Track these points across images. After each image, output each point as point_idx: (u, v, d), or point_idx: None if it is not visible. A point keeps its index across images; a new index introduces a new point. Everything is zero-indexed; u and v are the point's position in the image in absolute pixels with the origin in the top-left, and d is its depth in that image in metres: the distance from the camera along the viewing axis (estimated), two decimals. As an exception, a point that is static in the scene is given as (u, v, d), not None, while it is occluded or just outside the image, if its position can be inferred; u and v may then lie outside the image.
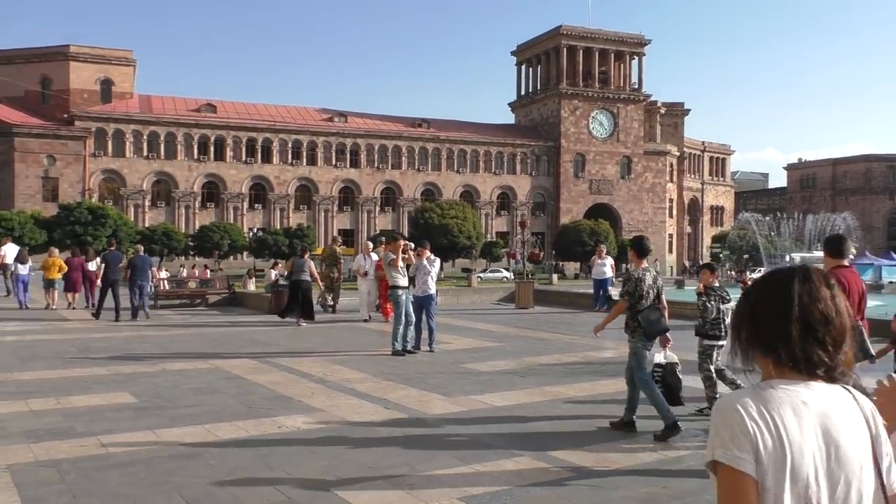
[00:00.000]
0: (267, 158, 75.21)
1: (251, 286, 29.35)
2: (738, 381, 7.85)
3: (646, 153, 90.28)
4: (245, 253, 67.30)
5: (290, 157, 75.85)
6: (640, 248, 7.68)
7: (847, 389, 1.71)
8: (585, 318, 18.58)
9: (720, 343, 8.13)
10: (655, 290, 7.47)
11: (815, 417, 1.61)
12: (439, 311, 14.83)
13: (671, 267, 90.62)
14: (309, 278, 17.60)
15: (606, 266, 20.95)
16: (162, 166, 71.44)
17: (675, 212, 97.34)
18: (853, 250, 7.29)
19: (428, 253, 13.13)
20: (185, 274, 25.56)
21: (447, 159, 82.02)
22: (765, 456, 1.56)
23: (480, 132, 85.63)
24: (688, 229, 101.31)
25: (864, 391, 1.79)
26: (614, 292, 20.47)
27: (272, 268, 24.22)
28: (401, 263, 12.84)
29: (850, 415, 1.65)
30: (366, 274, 17.58)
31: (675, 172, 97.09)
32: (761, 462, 1.56)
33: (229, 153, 73.69)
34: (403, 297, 12.58)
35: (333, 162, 77.49)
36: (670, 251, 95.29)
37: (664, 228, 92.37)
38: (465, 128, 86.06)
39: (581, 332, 15.19)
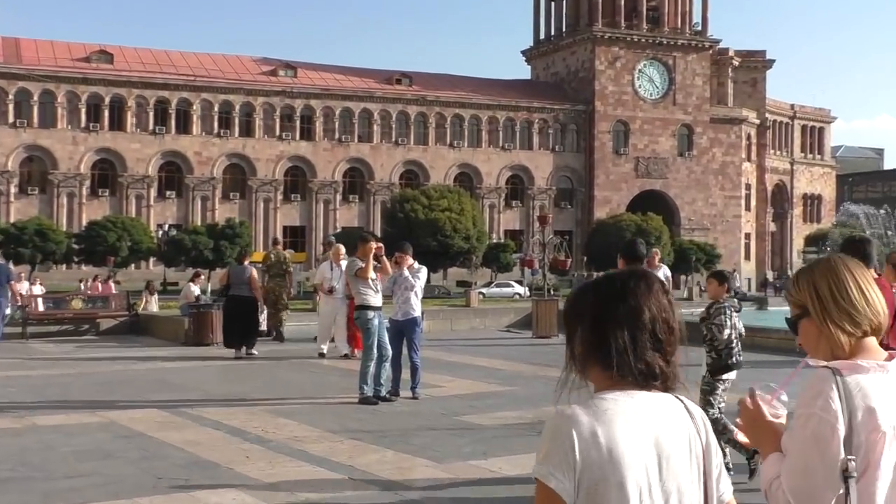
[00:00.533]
0: (184, 128, 75.11)
1: (153, 306, 29.17)
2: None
3: (713, 121, 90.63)
4: (152, 260, 67.11)
5: (215, 125, 75.77)
6: (628, 252, 8.11)
7: (679, 399, 2.27)
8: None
9: (731, 377, 8.86)
10: None
11: (647, 429, 2.10)
12: (427, 340, 14.77)
13: (748, 280, 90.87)
14: (250, 294, 17.58)
15: (660, 277, 20.98)
16: (35, 138, 71.20)
17: (753, 202, 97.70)
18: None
19: (410, 260, 13.09)
20: (82, 288, 25.50)
21: (436, 129, 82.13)
22: (591, 474, 2.04)
23: (483, 91, 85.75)
24: (772, 227, 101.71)
25: None
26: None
27: (192, 281, 24.13)
28: (372, 275, 12.77)
29: (683, 425, 2.20)
30: (332, 290, 17.16)
31: (753, 147, 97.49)
32: (588, 481, 2.02)
33: (131, 120, 73.53)
34: (376, 322, 12.53)
35: (277, 132, 77.47)
36: (747, 258, 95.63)
37: (738, 226, 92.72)
38: (461, 85, 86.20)
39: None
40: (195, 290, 23.44)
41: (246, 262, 18.65)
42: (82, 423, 10.74)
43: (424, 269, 13.70)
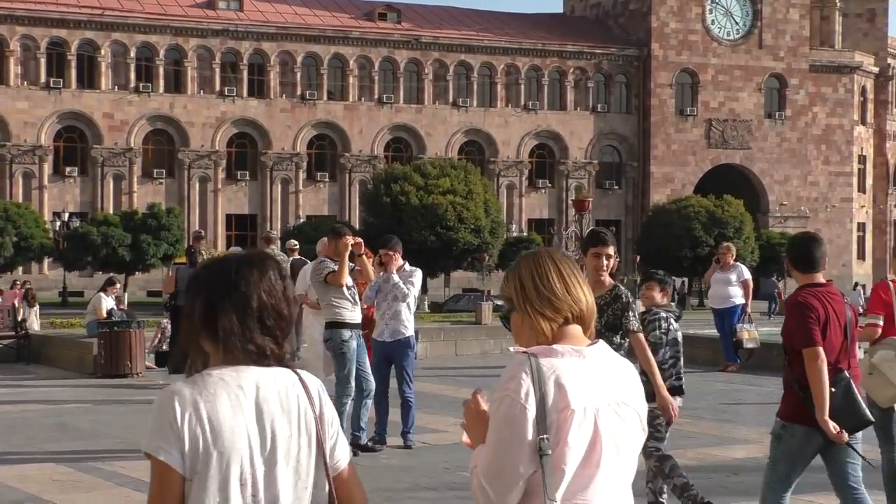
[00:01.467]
0: (89, 81, 75.15)
1: (34, 323, 29.06)
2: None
3: (814, 69, 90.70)
4: (48, 261, 67.22)
5: (132, 75, 75.82)
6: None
7: (296, 372, 3.12)
8: (701, 381, 18.66)
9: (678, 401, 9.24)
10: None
11: (252, 401, 2.92)
12: (423, 369, 14.85)
13: (863, 286, 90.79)
14: None
15: (734, 282, 21.04)
16: None
17: (869, 181, 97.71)
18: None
19: (400, 261, 13.09)
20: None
21: (434, 81, 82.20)
22: (194, 445, 2.84)
23: (498, 30, 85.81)
24: (894, 212, 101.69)
25: None
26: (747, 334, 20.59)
27: (103, 290, 24.25)
28: (347, 281, 12.70)
29: (294, 396, 3.04)
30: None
31: (870, 105, 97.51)
32: (191, 451, 2.83)
33: (16, 69, 73.62)
34: (353, 345, 12.53)
35: (217, 87, 77.48)
36: (860, 256, 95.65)
37: (849, 213, 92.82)
38: (468, 21, 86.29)
39: (694, 410, 15.28)
40: (107, 302, 23.45)
41: (199, 257, 18.78)
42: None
43: (419, 273, 13.67)
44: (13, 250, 62.02)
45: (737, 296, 20.93)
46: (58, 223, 67.45)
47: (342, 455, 3.44)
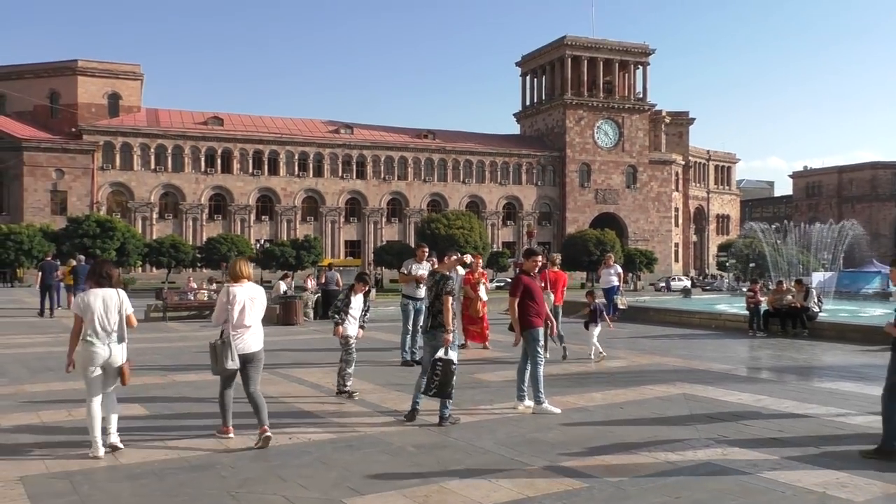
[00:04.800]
0: (274, 170, 75.51)
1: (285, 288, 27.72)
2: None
3: (651, 162, 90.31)
4: (252, 265, 67.45)
5: (296, 168, 76.14)
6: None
7: (117, 291, 6.67)
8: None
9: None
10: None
11: (101, 295, 6.58)
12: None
13: (677, 276, 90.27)
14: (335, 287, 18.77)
15: (612, 274, 20.89)
16: (169, 179, 71.77)
17: (680, 221, 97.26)
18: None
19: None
20: (193, 286, 25.48)
21: (453, 170, 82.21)
22: (83, 309, 6.47)
23: (486, 143, 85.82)
24: (694, 238, 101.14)
25: None
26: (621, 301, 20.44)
27: (281, 280, 24.20)
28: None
29: (116, 294, 6.64)
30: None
31: (680, 181, 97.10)
32: (82, 311, 6.49)
33: (236, 165, 74.01)
34: (410, 307, 12.36)
35: (340, 173, 77.74)
36: (676, 261, 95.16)
37: (670, 238, 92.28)
38: (470, 138, 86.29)
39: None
40: (283, 286, 23.47)
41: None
42: (205, 380, 10.72)
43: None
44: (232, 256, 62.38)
45: (614, 281, 20.80)
46: (257, 246, 67.79)
47: (129, 307, 6.70)
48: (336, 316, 9.24)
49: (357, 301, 9.23)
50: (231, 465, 6.23)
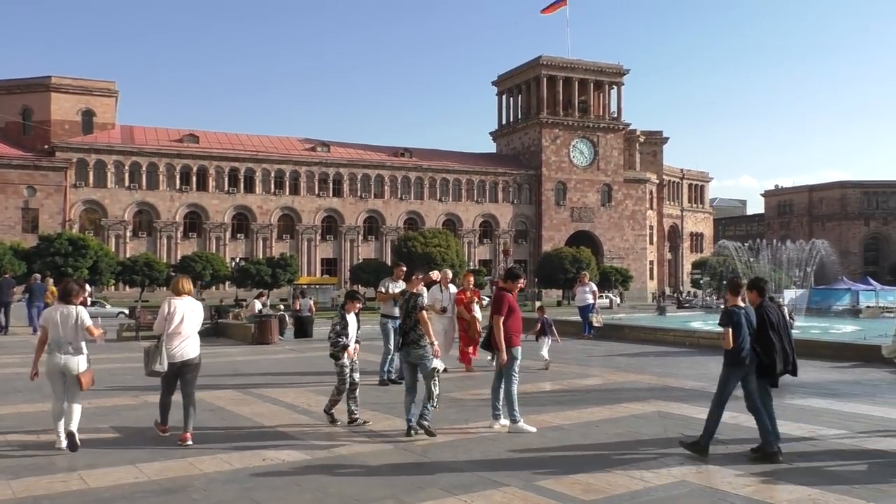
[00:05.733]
0: (250, 188, 75.10)
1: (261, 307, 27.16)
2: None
3: (626, 181, 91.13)
4: (227, 283, 66.87)
5: (272, 186, 75.80)
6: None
7: (76, 307, 7.52)
8: (569, 345, 18.57)
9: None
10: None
11: (58, 311, 7.42)
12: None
13: (652, 293, 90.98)
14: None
15: (587, 292, 20.97)
16: (144, 196, 71.12)
17: (655, 238, 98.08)
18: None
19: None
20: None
21: (430, 188, 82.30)
22: (48, 321, 7.46)
23: (462, 161, 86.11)
24: (668, 256, 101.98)
25: None
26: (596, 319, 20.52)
27: (257, 298, 24.02)
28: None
29: (74, 310, 7.44)
30: (444, 310, 13.55)
31: (654, 200, 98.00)
32: (46, 322, 7.49)
33: (212, 183, 73.52)
34: (390, 326, 12.36)
35: (316, 191, 77.51)
36: (651, 278, 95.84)
37: (645, 255, 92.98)
38: (447, 157, 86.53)
39: (565, 360, 15.18)
40: (258, 305, 23.29)
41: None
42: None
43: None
44: (210, 277, 61.80)
45: (589, 299, 20.89)
46: (232, 264, 67.16)
47: (87, 321, 7.38)
48: (339, 339, 8.73)
49: (352, 320, 8.97)
50: (203, 487, 6.14)
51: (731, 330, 7.17)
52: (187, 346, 7.80)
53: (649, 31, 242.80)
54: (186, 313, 7.79)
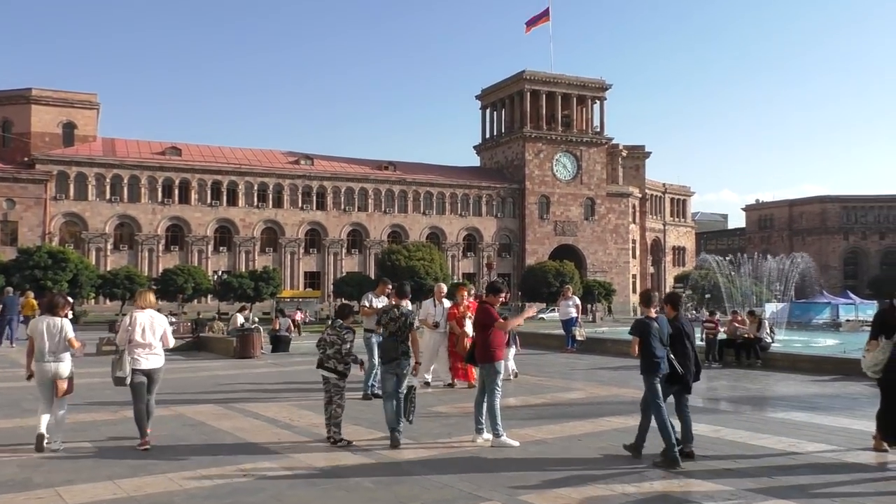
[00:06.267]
0: (232, 201, 74.77)
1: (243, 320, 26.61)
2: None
3: (609, 195, 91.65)
4: (210, 296, 66.41)
5: (255, 199, 75.52)
6: (399, 291, 10.31)
7: (62, 317, 8.11)
8: (553, 358, 18.59)
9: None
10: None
11: (45, 322, 7.99)
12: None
13: (635, 307, 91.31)
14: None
15: (571, 306, 21.01)
16: (125, 209, 70.60)
17: (638, 252, 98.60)
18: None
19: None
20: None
21: (413, 201, 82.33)
22: (34, 331, 8.08)
23: (446, 175, 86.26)
24: (651, 269, 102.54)
25: None
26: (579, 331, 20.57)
27: (239, 312, 23.85)
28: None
29: (59, 322, 8.03)
30: (437, 325, 13.50)
31: (637, 214, 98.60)
32: (32, 332, 8.14)
33: (194, 196, 73.13)
34: (373, 340, 12.29)
35: (300, 204, 77.31)
36: (634, 292, 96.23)
37: (628, 269, 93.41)
38: (430, 170, 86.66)
39: (549, 374, 15.20)
40: (241, 318, 23.12)
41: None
42: (159, 415, 10.54)
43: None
44: (192, 291, 61.36)
45: (573, 313, 20.93)
46: (215, 277, 66.77)
47: (69, 333, 7.83)
48: (351, 356, 8.57)
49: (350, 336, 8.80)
50: (183, 503, 6.08)
51: (639, 339, 7.66)
52: (150, 355, 8.21)
53: (631, 47, 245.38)
54: (147, 325, 8.21)
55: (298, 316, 23.54)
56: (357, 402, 11.61)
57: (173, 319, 25.09)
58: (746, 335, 17.58)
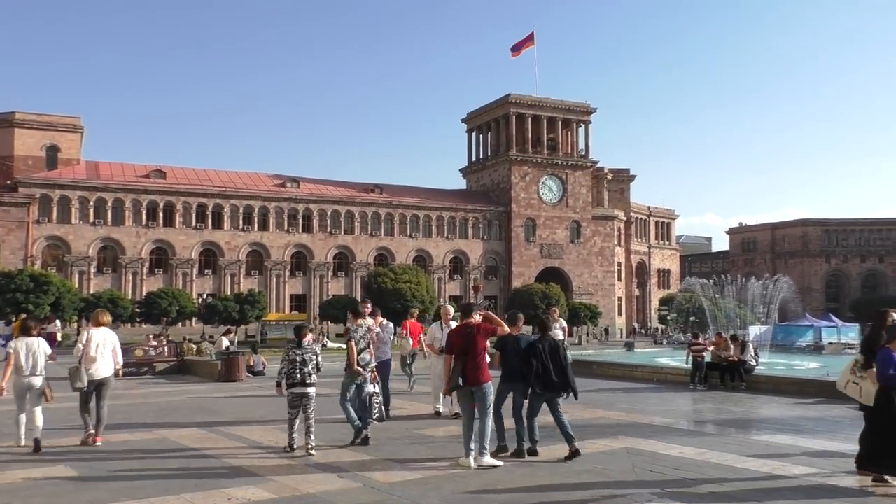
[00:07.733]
0: (217, 224, 74.49)
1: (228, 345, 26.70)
2: None
3: (594, 218, 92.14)
4: (194, 319, 65.91)
5: (241, 222, 75.29)
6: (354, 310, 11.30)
7: (38, 338, 9.56)
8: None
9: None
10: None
11: (25, 342, 9.46)
12: (395, 375, 14.65)
13: (621, 329, 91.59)
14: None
15: (558, 329, 21.00)
16: (109, 232, 70.15)
17: (623, 275, 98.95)
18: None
19: (381, 318, 12.96)
20: (153, 343, 24.90)
21: (400, 224, 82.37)
22: (18, 349, 9.42)
23: (432, 197, 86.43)
24: (636, 292, 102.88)
25: None
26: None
27: (224, 335, 23.72)
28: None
29: (37, 341, 9.56)
30: (443, 350, 12.26)
31: (622, 236, 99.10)
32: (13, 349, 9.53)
33: (179, 219, 72.81)
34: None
35: (285, 227, 77.14)
36: (619, 314, 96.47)
37: (613, 291, 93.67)
38: (417, 193, 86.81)
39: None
40: (226, 342, 23.00)
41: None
42: (142, 438, 10.49)
43: (391, 325, 13.63)
44: (176, 314, 60.93)
45: (559, 335, 20.89)
46: (200, 300, 66.29)
47: (46, 349, 9.31)
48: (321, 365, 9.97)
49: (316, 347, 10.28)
50: (166, 529, 6.02)
51: (498, 353, 9.22)
52: (101, 367, 9.84)
53: (616, 71, 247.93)
54: (101, 341, 9.87)
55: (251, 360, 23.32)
56: (343, 426, 11.55)
57: (154, 343, 24.85)
58: (730, 358, 17.67)
